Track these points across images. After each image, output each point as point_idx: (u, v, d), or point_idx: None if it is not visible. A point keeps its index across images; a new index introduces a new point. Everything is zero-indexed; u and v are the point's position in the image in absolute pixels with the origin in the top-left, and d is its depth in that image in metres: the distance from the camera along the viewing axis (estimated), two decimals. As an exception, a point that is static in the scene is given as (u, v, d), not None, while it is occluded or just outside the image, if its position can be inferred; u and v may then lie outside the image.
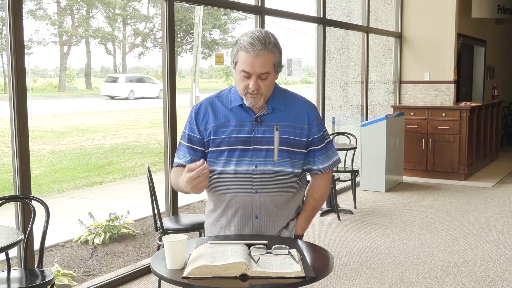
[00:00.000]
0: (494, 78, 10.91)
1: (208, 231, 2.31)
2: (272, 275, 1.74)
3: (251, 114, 2.18)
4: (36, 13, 24.99)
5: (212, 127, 2.19)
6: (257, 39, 2.05)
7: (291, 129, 2.18)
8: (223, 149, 2.17)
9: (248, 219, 2.19)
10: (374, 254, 4.78)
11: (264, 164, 2.15)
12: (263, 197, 2.17)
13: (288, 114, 2.20)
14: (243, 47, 2.06)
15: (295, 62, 7.20)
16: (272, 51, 2.08)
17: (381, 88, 8.72)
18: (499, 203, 6.66)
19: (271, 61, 2.09)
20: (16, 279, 2.95)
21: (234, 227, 2.22)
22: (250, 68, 2.06)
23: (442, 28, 8.26)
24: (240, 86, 2.13)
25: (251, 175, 2.15)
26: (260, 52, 2.04)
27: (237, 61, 2.10)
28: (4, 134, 13.03)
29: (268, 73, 2.09)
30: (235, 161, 2.16)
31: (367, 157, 7.26)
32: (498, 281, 4.18)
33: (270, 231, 2.21)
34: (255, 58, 2.05)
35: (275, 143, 2.15)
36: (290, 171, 2.18)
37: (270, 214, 2.20)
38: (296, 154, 2.20)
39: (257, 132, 2.16)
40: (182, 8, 26.01)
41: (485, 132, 8.95)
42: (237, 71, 2.11)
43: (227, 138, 2.17)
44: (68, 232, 5.57)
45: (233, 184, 2.17)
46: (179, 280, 1.75)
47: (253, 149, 2.16)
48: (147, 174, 3.83)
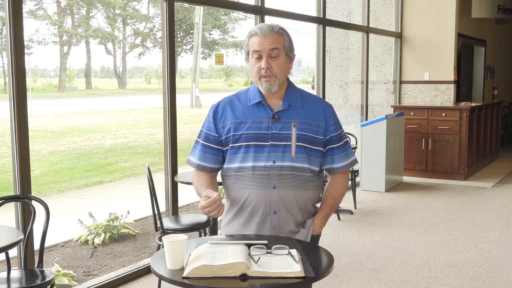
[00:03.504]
0: (494, 78, 10.91)
1: (225, 230, 2.32)
2: (272, 275, 1.74)
3: (269, 111, 2.22)
4: (36, 13, 24.99)
5: (231, 123, 2.23)
6: (265, 25, 2.22)
7: (308, 126, 2.22)
8: (240, 145, 2.21)
9: (267, 214, 2.21)
10: (374, 254, 4.78)
11: (282, 159, 2.18)
12: (281, 192, 2.19)
13: (304, 111, 2.24)
14: (253, 32, 2.21)
15: (295, 62, 7.20)
16: (280, 33, 2.20)
17: (381, 88, 8.73)
18: (499, 203, 6.66)
19: (281, 41, 2.19)
20: (16, 279, 2.95)
21: (254, 223, 2.22)
22: (259, 47, 2.17)
23: (442, 28, 8.26)
24: (254, 71, 2.21)
25: (269, 170, 2.18)
26: (268, 32, 2.18)
27: (249, 49, 2.21)
28: (4, 134, 13.03)
29: (277, 50, 2.18)
30: (253, 157, 2.19)
31: (367, 157, 7.26)
32: (498, 281, 4.18)
33: (288, 226, 2.22)
34: (263, 38, 2.17)
35: (292, 139, 2.19)
36: (307, 167, 2.21)
37: (288, 209, 2.21)
38: (313, 151, 2.23)
39: (275, 129, 2.20)
40: (182, 8, 26.01)
41: (485, 132, 8.95)
42: (250, 57, 2.21)
43: (245, 134, 2.20)
44: (68, 232, 5.57)
45: (251, 180, 2.19)
46: (179, 280, 1.75)
47: (271, 145, 2.19)
48: (147, 174, 3.83)
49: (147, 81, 34.98)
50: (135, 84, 34.17)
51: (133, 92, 30.56)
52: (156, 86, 31.22)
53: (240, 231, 2.26)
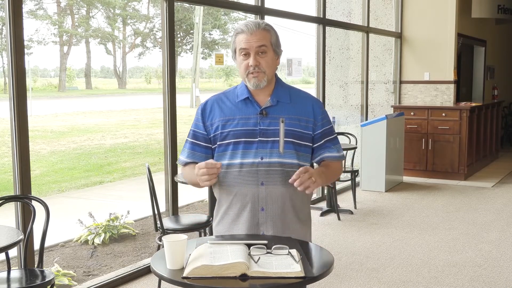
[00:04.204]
0: (494, 78, 10.91)
1: (216, 230, 2.31)
2: (272, 275, 1.73)
3: (256, 107, 2.21)
4: (36, 13, 24.98)
5: (219, 121, 2.22)
6: (251, 22, 2.20)
7: (297, 122, 2.21)
8: (229, 142, 2.20)
9: (255, 211, 2.20)
10: (374, 254, 4.78)
11: (269, 156, 2.17)
12: (269, 188, 2.18)
13: (293, 107, 2.23)
14: (239, 30, 2.20)
15: (295, 62, 7.20)
16: (267, 30, 2.19)
17: (381, 88, 8.72)
18: (499, 203, 6.66)
19: (267, 38, 2.18)
20: (16, 279, 2.95)
21: (242, 220, 2.21)
22: (247, 44, 2.16)
23: (442, 28, 8.26)
24: (241, 68, 2.20)
25: (257, 167, 2.17)
26: (254, 29, 2.16)
27: (236, 46, 2.20)
28: (4, 134, 13.03)
29: (265, 46, 2.17)
30: (241, 154, 2.18)
31: (367, 157, 7.26)
32: (498, 281, 4.18)
33: (277, 223, 2.20)
34: (250, 36, 2.16)
35: (280, 134, 2.18)
36: (296, 163, 2.19)
37: (277, 206, 2.20)
38: (302, 146, 2.22)
39: (263, 125, 2.19)
40: (182, 8, 26.00)
41: (485, 132, 8.95)
42: (238, 55, 2.20)
43: (232, 131, 2.20)
44: (68, 232, 5.57)
45: (240, 177, 2.19)
46: (179, 280, 1.75)
47: (259, 141, 2.18)
48: (147, 174, 3.83)
49: (147, 81, 34.97)
50: (135, 84, 34.16)
51: (133, 92, 30.55)
52: (156, 86, 31.21)
53: (230, 229, 2.24)
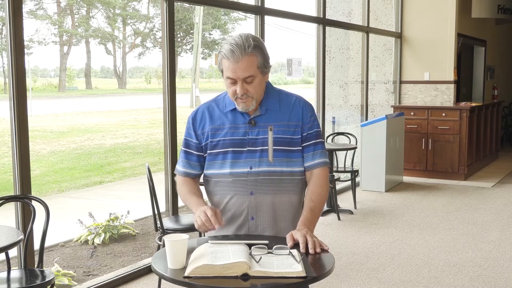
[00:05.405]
0: (494, 78, 10.91)
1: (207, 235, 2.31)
2: (273, 275, 1.74)
3: (245, 117, 2.20)
4: (36, 13, 24.99)
5: (209, 130, 2.22)
6: (236, 45, 2.07)
7: (286, 128, 2.19)
8: (218, 151, 2.20)
9: (245, 220, 2.20)
10: (374, 254, 4.78)
11: (258, 165, 2.16)
12: (259, 198, 2.17)
13: (282, 114, 2.21)
14: (224, 55, 2.09)
15: (295, 62, 7.21)
16: (254, 54, 2.09)
17: (381, 88, 8.72)
18: (499, 203, 6.66)
19: (254, 64, 2.09)
20: (16, 279, 2.95)
21: (232, 229, 2.22)
22: (233, 74, 2.09)
23: (442, 28, 8.26)
24: (229, 92, 2.16)
25: (246, 176, 2.17)
26: (240, 57, 2.06)
27: (222, 69, 2.13)
28: (4, 134, 13.03)
29: (252, 76, 2.10)
30: (230, 164, 2.18)
31: (367, 157, 7.26)
32: (498, 281, 4.18)
33: (267, 233, 2.20)
34: (236, 64, 2.07)
35: (269, 143, 2.16)
36: (286, 170, 2.18)
37: (266, 215, 2.19)
38: (293, 152, 2.20)
39: (251, 134, 2.18)
40: (182, 8, 26.01)
41: (485, 132, 8.95)
42: (225, 78, 2.15)
43: (222, 140, 2.19)
44: (68, 232, 5.57)
45: (229, 187, 2.19)
46: (181, 279, 1.75)
47: (248, 150, 2.17)
48: (147, 174, 3.83)
49: (147, 81, 35.00)
50: (135, 84, 34.18)
51: (133, 92, 30.56)
52: (156, 86, 31.23)
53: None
